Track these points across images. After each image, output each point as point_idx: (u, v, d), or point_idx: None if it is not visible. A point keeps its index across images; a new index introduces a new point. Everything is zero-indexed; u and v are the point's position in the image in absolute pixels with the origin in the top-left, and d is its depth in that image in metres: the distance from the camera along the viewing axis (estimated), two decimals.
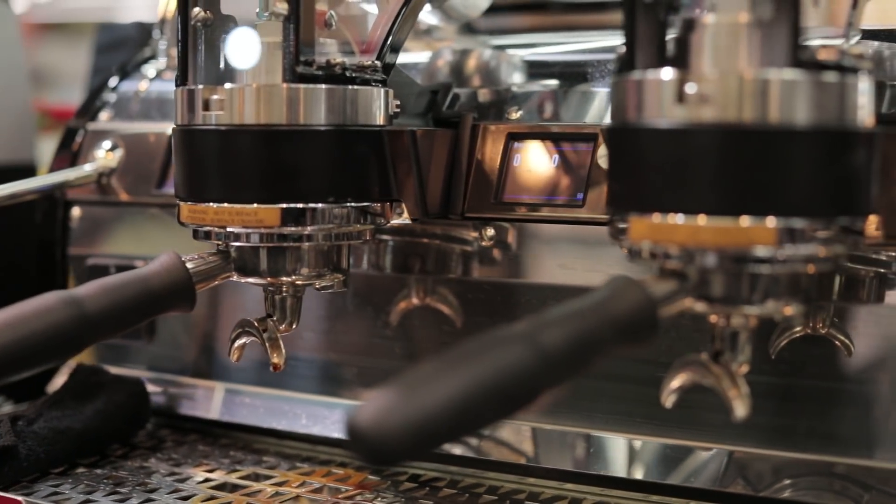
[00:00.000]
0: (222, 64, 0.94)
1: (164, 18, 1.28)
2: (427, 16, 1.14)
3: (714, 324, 0.80)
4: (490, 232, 1.02)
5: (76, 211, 1.24)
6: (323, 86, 0.91)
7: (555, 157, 1.00)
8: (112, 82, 1.30)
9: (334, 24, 0.94)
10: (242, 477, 1.03)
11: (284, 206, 0.90)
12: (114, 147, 1.22)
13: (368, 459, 0.68)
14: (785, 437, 0.96)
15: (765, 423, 0.95)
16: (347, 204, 0.93)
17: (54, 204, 1.24)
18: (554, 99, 1.08)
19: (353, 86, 0.93)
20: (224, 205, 0.91)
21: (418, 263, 1.07)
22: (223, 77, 0.94)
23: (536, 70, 1.13)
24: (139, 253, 1.18)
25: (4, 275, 1.31)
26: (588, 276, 0.99)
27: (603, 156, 0.96)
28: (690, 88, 0.74)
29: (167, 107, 1.22)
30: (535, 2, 1.56)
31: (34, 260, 1.26)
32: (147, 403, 1.14)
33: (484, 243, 1.03)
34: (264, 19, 0.93)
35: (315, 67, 0.91)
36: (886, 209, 0.82)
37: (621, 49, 0.79)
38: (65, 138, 1.26)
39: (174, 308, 0.92)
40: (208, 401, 1.17)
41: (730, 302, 0.78)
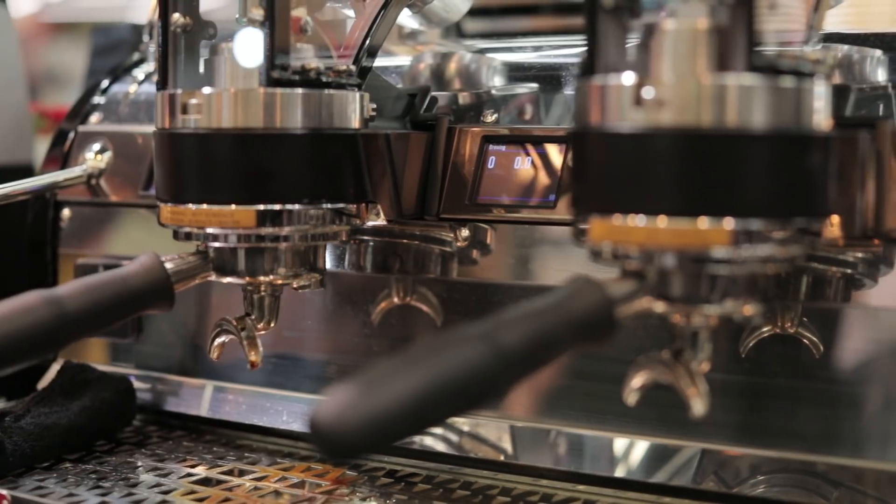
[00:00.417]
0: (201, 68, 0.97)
1: (153, 22, 1.30)
2: (408, 20, 1.16)
3: (674, 323, 0.82)
4: (465, 233, 1.04)
5: (66, 212, 1.26)
6: (299, 90, 0.93)
7: (528, 160, 1.02)
8: (103, 85, 1.32)
9: (310, 30, 0.96)
10: (224, 472, 1.05)
11: (260, 208, 0.93)
12: (103, 149, 1.24)
13: (328, 453, 0.70)
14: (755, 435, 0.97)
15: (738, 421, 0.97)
16: (323, 205, 0.95)
17: (45, 204, 1.27)
18: (532, 102, 1.10)
19: (329, 90, 0.95)
20: (202, 206, 0.94)
21: (397, 263, 1.09)
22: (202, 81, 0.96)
23: (516, 73, 1.14)
24: (128, 253, 1.20)
25: None
26: (562, 276, 1.00)
27: None
28: (647, 93, 0.76)
29: (155, 109, 1.24)
30: (526, 5, 1.59)
31: (26, 259, 1.28)
32: (133, 400, 1.16)
33: (459, 244, 1.05)
34: (243, 25, 0.95)
35: (290, 72, 0.93)
36: (845, 211, 0.84)
37: (583, 53, 0.81)
38: (56, 140, 1.29)
39: (153, 307, 0.94)
40: (194, 398, 1.19)
41: (689, 301, 0.80)
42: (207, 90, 0.93)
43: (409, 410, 0.70)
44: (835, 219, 0.84)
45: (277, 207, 0.93)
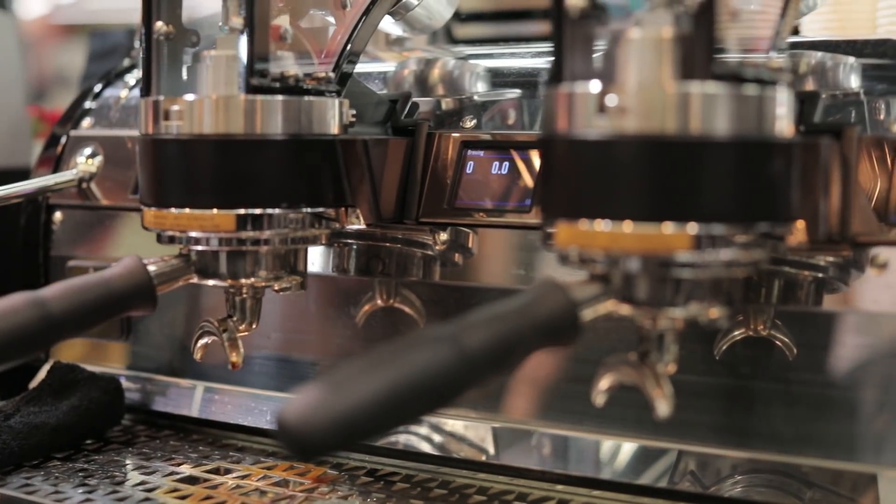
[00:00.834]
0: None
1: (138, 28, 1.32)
2: (391, 27, 1.18)
3: (641, 326, 0.84)
4: (443, 236, 1.06)
5: (58, 215, 1.29)
6: (278, 97, 0.95)
7: (505, 165, 1.04)
8: (96, 89, 1.35)
9: (289, 38, 0.98)
10: (208, 470, 1.07)
11: (240, 212, 0.95)
12: (94, 153, 1.27)
13: (295, 452, 0.72)
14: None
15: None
16: (302, 209, 0.97)
17: (38, 208, 1.29)
18: (515, 107, 1.11)
19: (309, 97, 0.97)
20: (184, 210, 0.96)
21: (380, 266, 1.11)
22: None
23: (499, 79, 1.16)
24: (118, 255, 1.21)
25: None
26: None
27: None
28: (611, 101, 0.78)
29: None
30: (517, 10, 1.61)
31: (19, 261, 1.31)
32: (121, 400, 1.18)
33: (438, 247, 1.06)
34: (225, 32, 0.98)
35: (269, 79, 0.95)
36: (809, 216, 0.85)
37: (551, 61, 0.83)
38: (48, 144, 1.31)
39: (136, 309, 0.96)
40: (182, 398, 1.21)
41: (653, 305, 0.81)
42: (189, 97, 0.95)
43: (375, 410, 0.72)
44: (800, 223, 0.86)
45: (257, 212, 0.95)
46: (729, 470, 0.98)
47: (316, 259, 1.14)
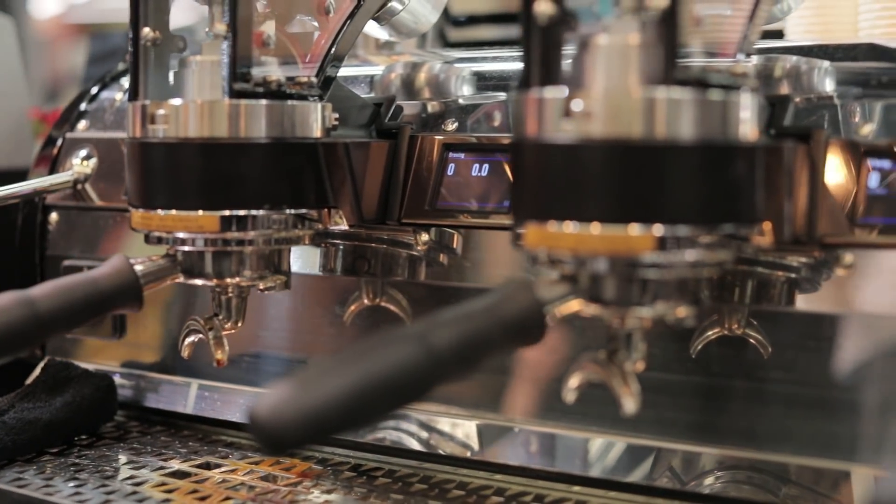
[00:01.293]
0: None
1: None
2: (377, 31, 1.21)
3: (609, 325, 0.86)
4: (424, 237, 1.08)
5: (54, 215, 1.32)
6: (261, 101, 0.98)
7: (485, 167, 1.06)
8: (92, 92, 1.38)
9: (272, 44, 1.01)
10: (196, 465, 1.10)
11: (224, 214, 0.97)
12: (89, 155, 1.29)
13: (266, 446, 0.74)
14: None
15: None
16: (285, 211, 1.00)
17: (34, 208, 1.32)
18: (501, 110, 1.13)
19: (292, 101, 1.00)
20: (170, 212, 0.98)
21: (366, 266, 1.14)
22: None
23: (485, 82, 1.18)
24: (112, 255, 1.25)
25: None
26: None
27: None
28: (576, 106, 0.80)
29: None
30: (511, 14, 1.62)
31: (16, 261, 1.34)
32: (114, 396, 1.21)
33: (419, 248, 1.09)
34: (210, 39, 1.00)
35: (252, 84, 0.97)
36: (774, 217, 0.87)
37: (520, 67, 0.85)
38: (45, 146, 1.34)
39: (122, 307, 0.99)
40: (173, 394, 1.24)
41: (619, 304, 0.84)
42: (174, 101, 0.98)
43: (343, 406, 0.74)
44: (766, 225, 0.88)
45: (241, 213, 0.98)
46: (707, 466, 1.00)
47: (304, 259, 1.16)
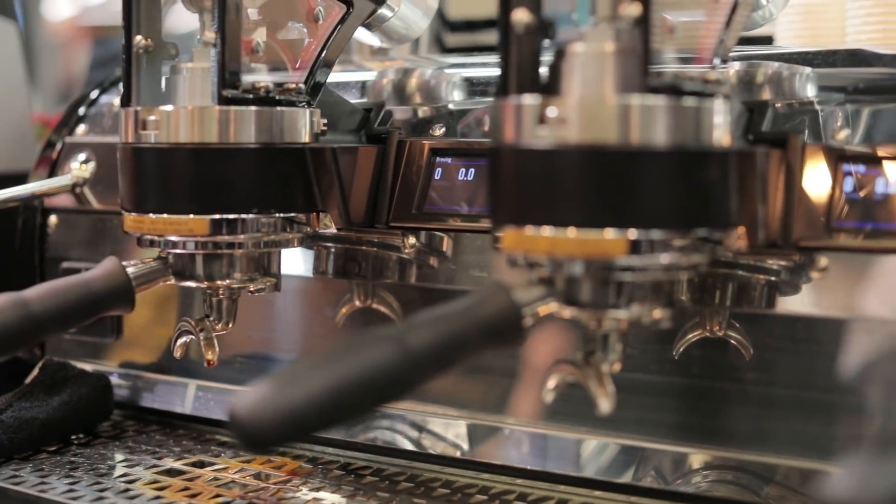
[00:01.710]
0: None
1: None
2: (369, 38, 1.23)
3: (586, 326, 0.88)
4: (411, 240, 1.10)
5: (53, 218, 1.34)
6: (250, 108, 1.00)
7: (471, 171, 1.08)
8: (92, 96, 1.40)
9: (261, 51, 1.03)
10: (188, 464, 1.12)
11: (213, 217, 1.00)
12: (87, 159, 1.32)
13: (245, 444, 0.76)
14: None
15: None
16: (274, 214, 1.02)
17: (34, 211, 1.34)
18: (489, 115, 1.15)
19: (280, 107, 1.02)
20: (161, 215, 1.01)
21: (356, 269, 1.16)
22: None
23: (476, 87, 1.20)
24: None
25: None
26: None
27: None
28: (551, 112, 0.82)
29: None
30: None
31: (17, 263, 1.36)
32: (110, 396, 1.23)
33: (407, 251, 1.11)
34: (200, 47, 1.03)
35: (241, 91, 0.99)
36: (747, 221, 0.89)
37: (498, 74, 0.87)
38: (45, 150, 1.36)
39: (114, 309, 1.02)
40: (168, 394, 1.26)
41: (595, 307, 0.85)
42: (165, 108, 1.00)
43: (320, 406, 0.76)
44: (741, 228, 0.89)
45: (230, 217, 1.00)
46: (692, 467, 1.02)
47: (296, 261, 1.18)
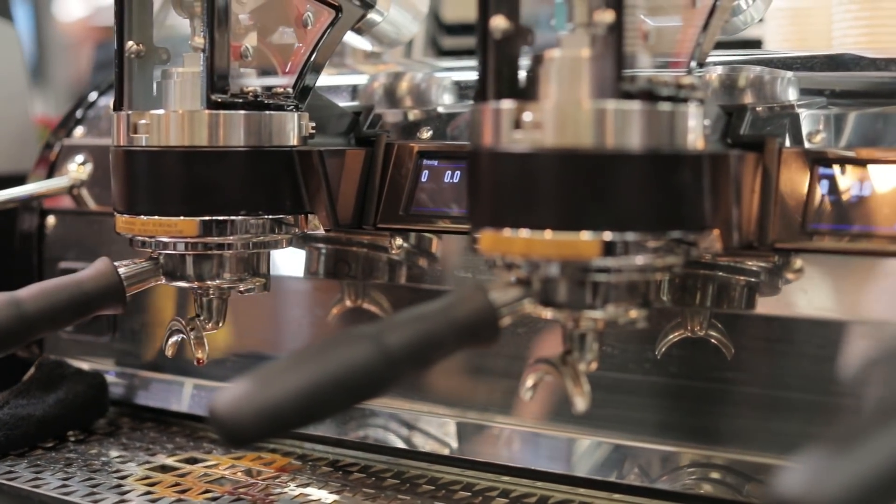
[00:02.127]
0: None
1: None
2: (360, 42, 1.25)
3: (563, 326, 0.90)
4: (398, 241, 1.12)
5: (51, 219, 1.37)
6: (239, 111, 1.02)
7: (458, 173, 1.10)
8: (90, 99, 1.42)
9: (250, 56, 1.05)
10: (180, 460, 1.14)
11: (202, 219, 1.02)
12: (85, 161, 1.34)
13: (225, 439, 0.78)
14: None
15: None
16: (262, 216, 1.04)
17: (32, 212, 1.37)
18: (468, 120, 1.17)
19: (269, 111, 1.04)
20: (152, 217, 1.03)
21: (347, 269, 1.18)
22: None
23: (465, 91, 1.22)
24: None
25: None
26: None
27: None
28: (527, 117, 0.83)
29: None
30: None
31: (16, 263, 1.39)
32: (106, 394, 1.26)
33: (394, 251, 1.13)
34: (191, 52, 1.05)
35: (229, 95, 1.02)
36: (722, 224, 0.91)
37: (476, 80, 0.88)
38: (43, 152, 1.39)
39: (106, 308, 1.04)
40: (163, 392, 1.29)
41: (571, 307, 0.87)
42: (156, 111, 1.03)
43: (298, 403, 0.78)
44: (715, 230, 0.91)
45: (219, 218, 1.02)
46: (674, 465, 1.04)
47: (287, 262, 1.21)
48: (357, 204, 1.12)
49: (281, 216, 1.05)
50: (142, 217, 1.03)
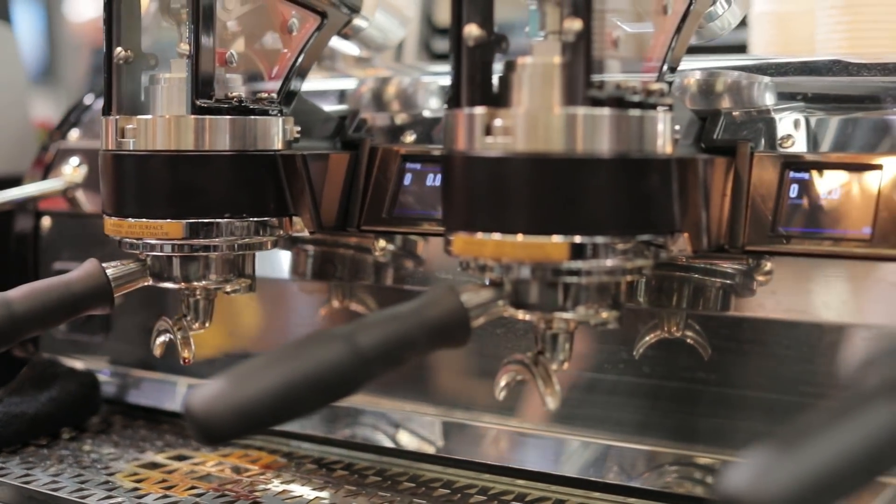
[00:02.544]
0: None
1: None
2: (348, 47, 1.27)
3: (535, 327, 0.92)
4: (382, 243, 1.14)
5: (46, 221, 1.39)
6: (224, 117, 1.04)
7: (439, 177, 1.12)
8: (86, 102, 1.45)
9: (235, 62, 1.07)
10: (169, 457, 1.17)
11: (187, 221, 1.04)
12: (80, 164, 1.37)
13: (200, 437, 0.80)
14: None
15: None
16: (247, 218, 1.06)
17: (28, 214, 1.40)
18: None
19: (254, 116, 1.06)
20: (140, 220, 1.05)
21: (334, 270, 1.20)
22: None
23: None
24: (99, 259, 1.32)
25: None
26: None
27: None
28: (497, 123, 0.85)
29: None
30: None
31: (12, 264, 1.41)
32: (97, 393, 1.28)
33: (377, 253, 1.15)
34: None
35: (214, 100, 1.04)
36: (691, 227, 0.92)
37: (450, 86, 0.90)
38: (40, 154, 1.42)
39: (93, 309, 1.06)
40: (155, 391, 1.31)
41: (543, 309, 0.89)
42: (143, 116, 1.05)
43: (272, 402, 0.80)
44: (685, 233, 0.93)
45: (204, 221, 1.04)
46: (650, 464, 1.05)
47: (275, 264, 1.23)
48: (341, 206, 1.14)
49: (265, 219, 1.08)
50: (129, 220, 1.06)
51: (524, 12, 0.96)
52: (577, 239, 0.84)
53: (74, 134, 1.41)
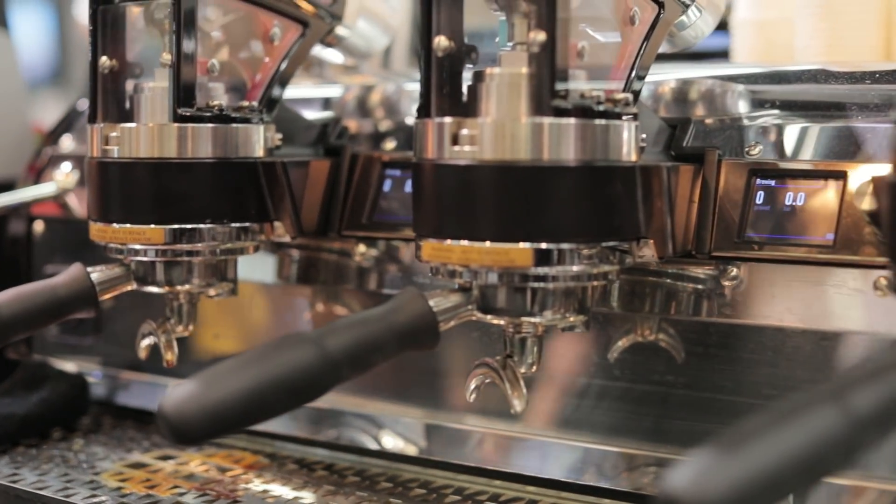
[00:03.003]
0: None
1: None
2: (333, 55, 1.29)
3: (504, 331, 0.94)
4: (361, 248, 1.17)
5: (39, 225, 1.42)
6: (207, 125, 1.06)
7: None
8: (79, 108, 1.48)
9: (216, 71, 1.10)
10: (154, 457, 1.19)
11: (170, 227, 1.06)
12: (72, 169, 1.39)
13: (171, 438, 0.82)
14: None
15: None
16: (228, 224, 1.09)
17: (21, 218, 1.42)
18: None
19: (236, 124, 1.08)
20: (124, 225, 1.08)
21: (317, 275, 1.22)
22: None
23: None
24: (91, 263, 1.35)
25: None
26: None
27: None
28: (463, 132, 0.87)
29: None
30: (488, 31, 1.69)
31: (5, 268, 1.44)
32: (86, 394, 1.31)
33: (357, 258, 1.17)
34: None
35: (196, 109, 1.06)
36: (656, 233, 0.94)
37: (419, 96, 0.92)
38: (33, 159, 1.44)
39: (79, 312, 1.09)
40: (144, 392, 1.33)
41: (510, 313, 0.91)
42: (127, 125, 1.07)
43: (241, 404, 0.82)
44: (650, 239, 0.95)
45: (187, 226, 1.07)
46: (624, 465, 1.07)
47: (260, 268, 1.25)
48: (322, 212, 1.16)
49: (247, 224, 1.10)
50: (114, 225, 1.08)
51: (496, 23, 0.98)
52: (543, 245, 0.87)
53: (67, 139, 1.44)
